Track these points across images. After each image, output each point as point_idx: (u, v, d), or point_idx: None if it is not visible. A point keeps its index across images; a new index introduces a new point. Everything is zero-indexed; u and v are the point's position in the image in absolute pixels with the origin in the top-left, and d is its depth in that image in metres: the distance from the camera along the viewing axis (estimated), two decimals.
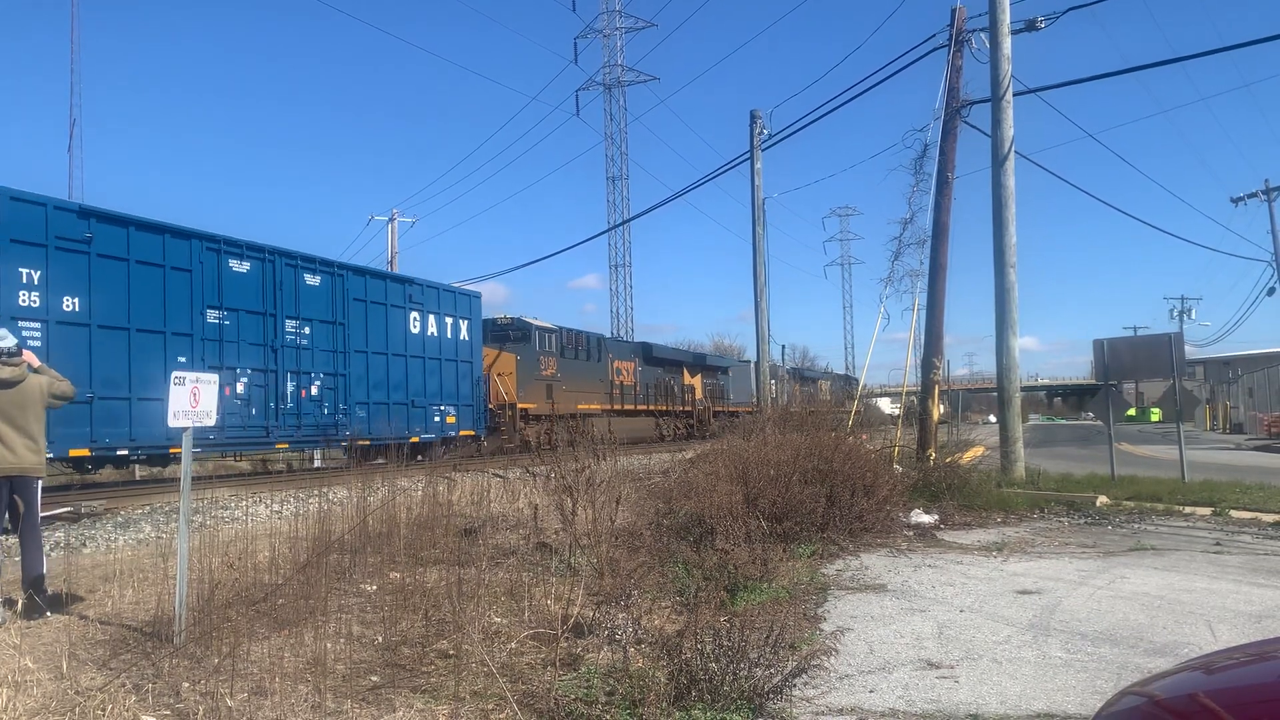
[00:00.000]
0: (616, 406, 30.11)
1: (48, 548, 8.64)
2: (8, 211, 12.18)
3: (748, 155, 25.06)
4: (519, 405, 24.16)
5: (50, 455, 12.00)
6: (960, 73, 15.34)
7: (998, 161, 15.05)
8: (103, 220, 13.62)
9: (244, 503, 12.16)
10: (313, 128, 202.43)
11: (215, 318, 15.35)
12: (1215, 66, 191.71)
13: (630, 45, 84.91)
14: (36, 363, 6.49)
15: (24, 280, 12.32)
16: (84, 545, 9.39)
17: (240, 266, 15.91)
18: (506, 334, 25.12)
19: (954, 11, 15.32)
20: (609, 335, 36.51)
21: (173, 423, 5.37)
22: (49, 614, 5.95)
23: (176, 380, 5.42)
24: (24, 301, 12.33)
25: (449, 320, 21.41)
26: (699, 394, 37.35)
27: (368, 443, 17.86)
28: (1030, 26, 15.12)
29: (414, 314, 20.19)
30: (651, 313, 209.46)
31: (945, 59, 15.47)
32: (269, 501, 12.08)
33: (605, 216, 57.64)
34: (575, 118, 71.53)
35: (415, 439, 19.60)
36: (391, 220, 38.19)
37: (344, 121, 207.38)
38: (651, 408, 32.91)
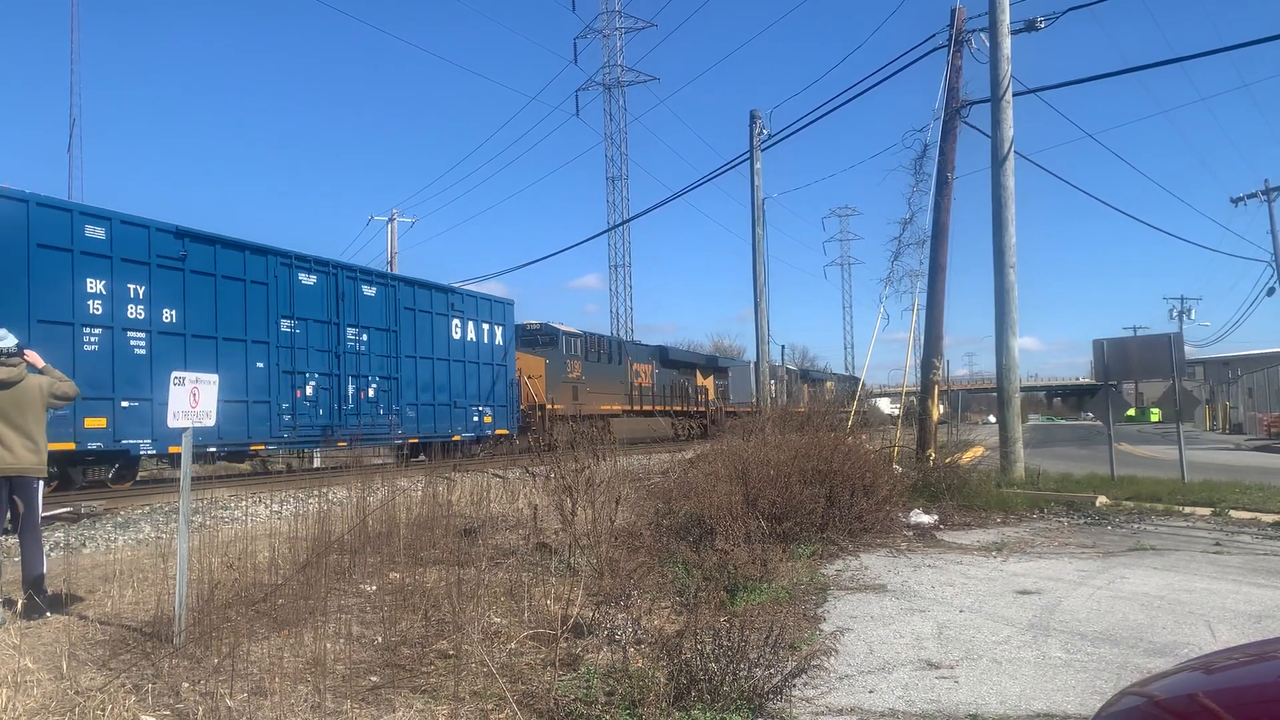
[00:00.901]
0: (636, 407, 31.49)
1: (48, 548, 8.64)
2: (119, 233, 13.66)
3: (747, 155, 25.06)
4: (548, 406, 25.47)
5: (154, 452, 14.30)
6: (960, 73, 15.35)
7: (997, 161, 15.05)
8: (194, 239, 15.04)
9: (244, 503, 12.16)
10: (312, 127, 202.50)
11: (288, 326, 16.73)
12: (1215, 66, 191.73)
13: (630, 45, 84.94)
14: (40, 363, 6.48)
15: (131, 295, 13.83)
16: (84, 545, 9.39)
17: (308, 279, 17.37)
18: (536, 339, 26.70)
19: (954, 11, 15.32)
20: (628, 339, 38.48)
21: (172, 423, 5.37)
22: (49, 614, 5.95)
23: (176, 380, 5.42)
24: (132, 314, 13.84)
25: (486, 326, 22.86)
26: (711, 394, 38.72)
27: (416, 440, 19.81)
28: (1030, 26, 15.12)
29: (455, 321, 21.72)
30: (652, 313, 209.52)
31: (945, 59, 15.48)
32: (269, 502, 12.08)
33: (605, 216, 57.69)
34: (575, 118, 71.59)
35: (457, 437, 20.99)
36: (391, 220, 38.19)
37: (344, 121, 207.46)
38: (668, 408, 34.33)
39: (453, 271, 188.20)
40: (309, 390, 17.08)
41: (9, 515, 6.26)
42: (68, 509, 11.51)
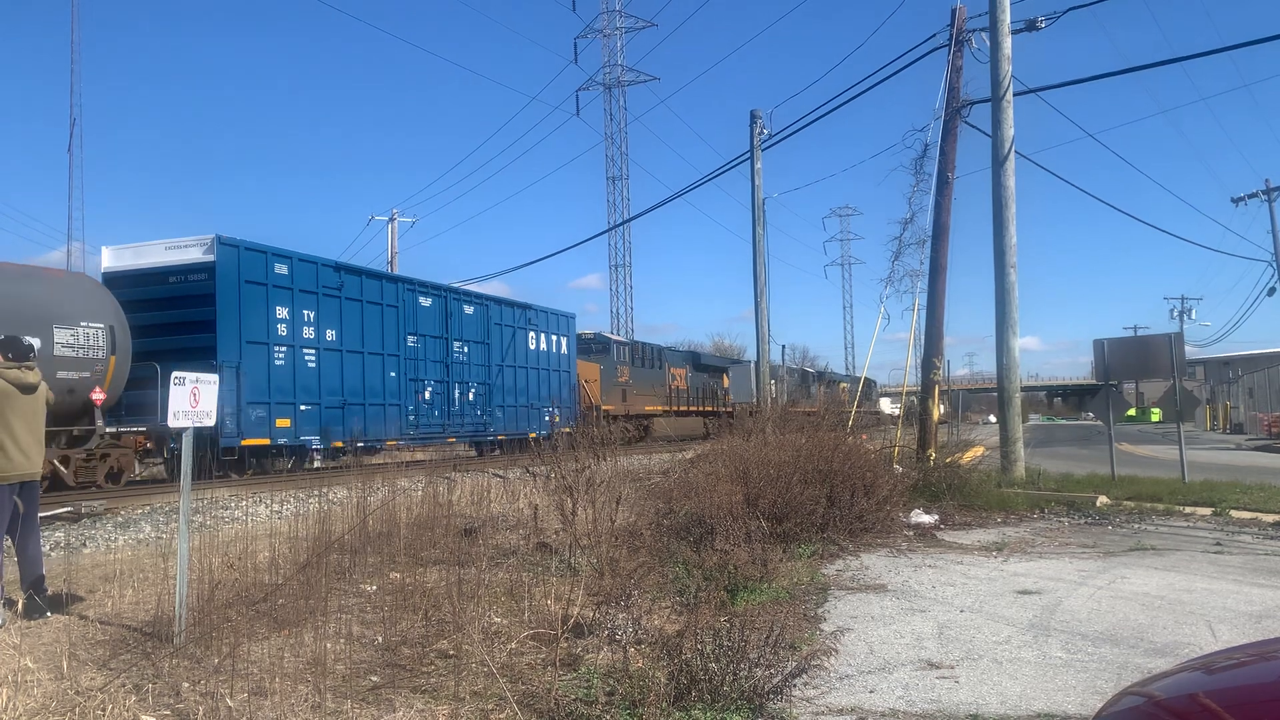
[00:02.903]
0: (673, 407, 34.66)
1: (47, 548, 8.64)
2: (296, 269, 16.71)
3: (748, 155, 25.04)
4: (602, 407, 27.98)
5: (317, 443, 17.05)
6: (960, 73, 15.33)
7: (998, 161, 15.05)
8: (347, 272, 18.31)
9: (244, 503, 12.16)
10: (312, 127, 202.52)
11: (413, 342, 19.85)
12: (1215, 66, 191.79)
13: (630, 45, 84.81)
14: None
15: (305, 319, 16.84)
16: (84, 545, 9.38)
17: (426, 302, 20.49)
18: (590, 347, 29.87)
19: (954, 11, 15.31)
20: (666, 345, 41.69)
21: (172, 423, 5.37)
22: (49, 614, 5.95)
23: (176, 380, 5.40)
24: (305, 334, 16.84)
25: (553, 337, 26.09)
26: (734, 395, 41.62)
27: (503, 437, 23.00)
28: (1030, 26, 15.11)
29: (531, 333, 24.82)
30: (652, 312, 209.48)
31: (945, 59, 15.47)
32: (269, 501, 12.06)
33: (605, 216, 57.70)
34: (575, 118, 71.45)
35: (533, 435, 23.02)
36: (391, 220, 38.16)
37: (344, 121, 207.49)
38: (700, 408, 37.39)
39: (453, 271, 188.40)
40: (427, 395, 20.23)
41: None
42: (68, 509, 11.51)
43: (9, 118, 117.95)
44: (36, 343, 6.47)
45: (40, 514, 6.70)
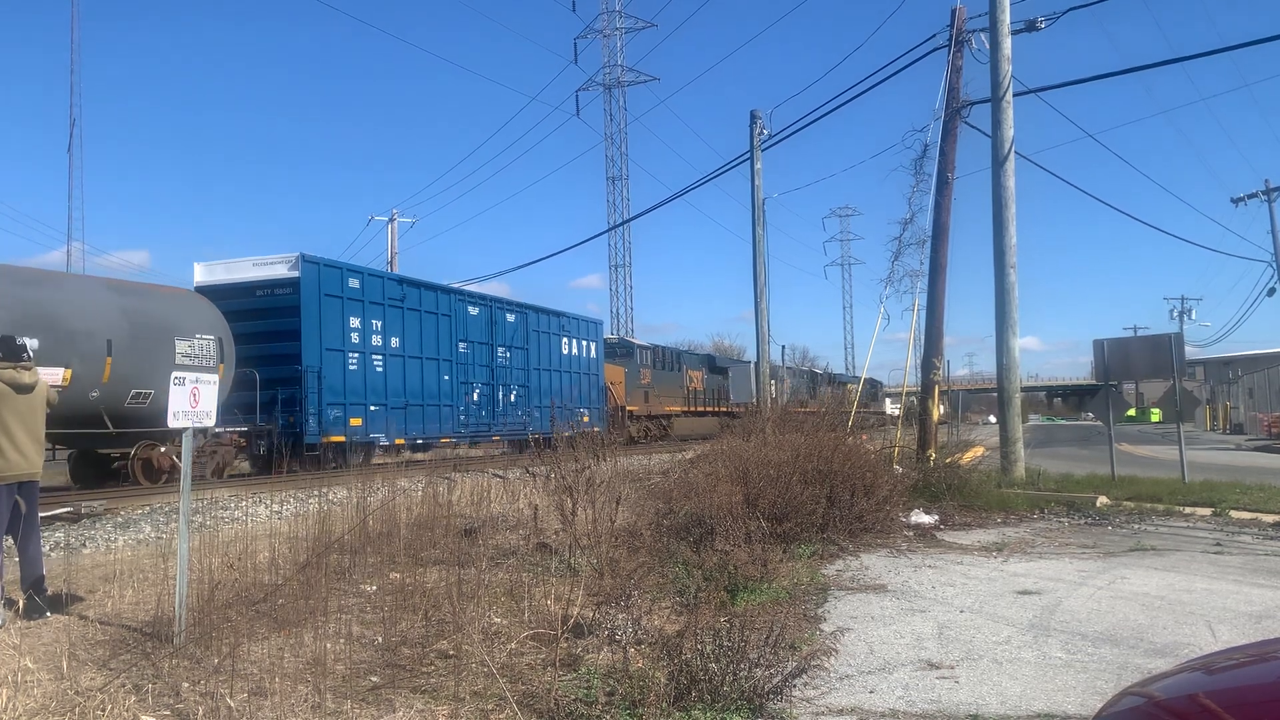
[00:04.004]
0: (690, 408, 36.42)
1: (47, 548, 8.64)
2: (366, 283, 18.73)
3: (748, 155, 25.03)
4: (627, 407, 30.51)
5: (384, 440, 19.02)
6: (960, 73, 15.34)
7: (998, 162, 15.05)
8: (408, 285, 20.28)
9: (244, 503, 12.16)
10: (312, 127, 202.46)
11: (463, 348, 21.78)
12: (1215, 66, 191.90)
13: (630, 45, 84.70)
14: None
15: (375, 328, 18.76)
16: (84, 545, 9.38)
17: (474, 311, 22.38)
18: (615, 351, 31.74)
19: (954, 12, 15.32)
20: (683, 349, 44.18)
21: (172, 423, 5.37)
22: (49, 614, 5.95)
23: (176, 380, 5.41)
24: (375, 342, 18.71)
25: (584, 343, 27.90)
26: None
27: (539, 436, 23.29)
28: (1030, 26, 15.11)
29: (564, 339, 26.65)
30: (652, 312, 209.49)
31: (945, 59, 15.47)
32: (269, 502, 12.06)
33: (605, 216, 57.71)
34: (575, 118, 71.34)
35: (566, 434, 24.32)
36: (391, 220, 38.19)
37: (344, 120, 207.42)
38: (716, 408, 38.83)
39: (453, 271, 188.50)
40: (475, 396, 22.15)
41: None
42: (68, 509, 11.51)
43: (9, 118, 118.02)
44: (34, 343, 6.40)
45: (40, 514, 6.69)
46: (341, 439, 17.56)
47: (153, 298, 15.23)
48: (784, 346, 51.65)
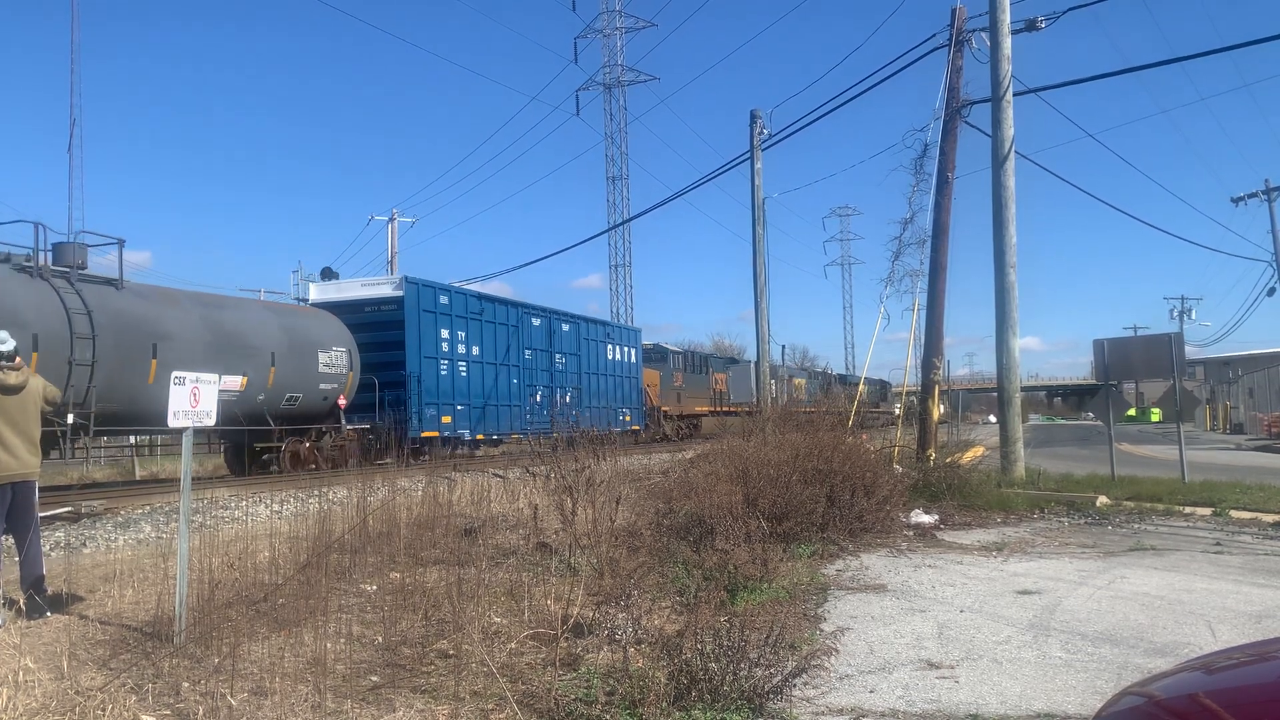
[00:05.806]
0: (717, 408, 38.43)
1: (47, 548, 8.64)
2: (453, 299, 21.55)
3: (748, 155, 25.02)
4: (661, 408, 33.70)
5: (468, 436, 21.98)
6: (960, 73, 15.33)
7: (998, 161, 15.05)
8: (485, 300, 23.25)
9: (244, 503, 12.15)
10: (313, 127, 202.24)
11: (528, 355, 24.66)
12: (1215, 66, 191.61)
13: (630, 45, 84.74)
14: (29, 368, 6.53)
15: (459, 339, 21.61)
16: (84, 545, 9.38)
17: (536, 322, 25.23)
18: (650, 356, 34.36)
19: (954, 11, 15.31)
20: (710, 353, 46.98)
21: (173, 423, 5.36)
22: (49, 614, 5.95)
23: (177, 380, 5.40)
24: (460, 350, 21.58)
25: (625, 349, 30.99)
26: None
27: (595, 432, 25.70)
28: (1030, 26, 15.11)
29: (609, 346, 29.67)
30: (652, 312, 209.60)
31: (945, 59, 15.46)
32: (269, 501, 12.05)
33: (605, 216, 57.68)
34: (575, 118, 71.24)
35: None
36: (391, 220, 38.14)
37: (343, 120, 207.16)
38: (738, 409, 39.79)
39: (453, 271, 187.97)
40: (537, 398, 24.71)
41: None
42: (68, 509, 11.51)
43: (10, 118, 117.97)
44: (11, 344, 6.30)
45: (40, 514, 6.68)
46: (435, 434, 20.25)
47: (300, 316, 18.45)
48: (784, 346, 51.83)
